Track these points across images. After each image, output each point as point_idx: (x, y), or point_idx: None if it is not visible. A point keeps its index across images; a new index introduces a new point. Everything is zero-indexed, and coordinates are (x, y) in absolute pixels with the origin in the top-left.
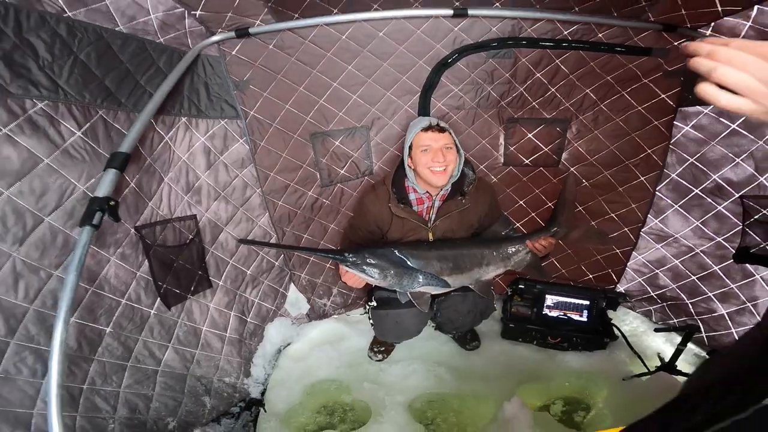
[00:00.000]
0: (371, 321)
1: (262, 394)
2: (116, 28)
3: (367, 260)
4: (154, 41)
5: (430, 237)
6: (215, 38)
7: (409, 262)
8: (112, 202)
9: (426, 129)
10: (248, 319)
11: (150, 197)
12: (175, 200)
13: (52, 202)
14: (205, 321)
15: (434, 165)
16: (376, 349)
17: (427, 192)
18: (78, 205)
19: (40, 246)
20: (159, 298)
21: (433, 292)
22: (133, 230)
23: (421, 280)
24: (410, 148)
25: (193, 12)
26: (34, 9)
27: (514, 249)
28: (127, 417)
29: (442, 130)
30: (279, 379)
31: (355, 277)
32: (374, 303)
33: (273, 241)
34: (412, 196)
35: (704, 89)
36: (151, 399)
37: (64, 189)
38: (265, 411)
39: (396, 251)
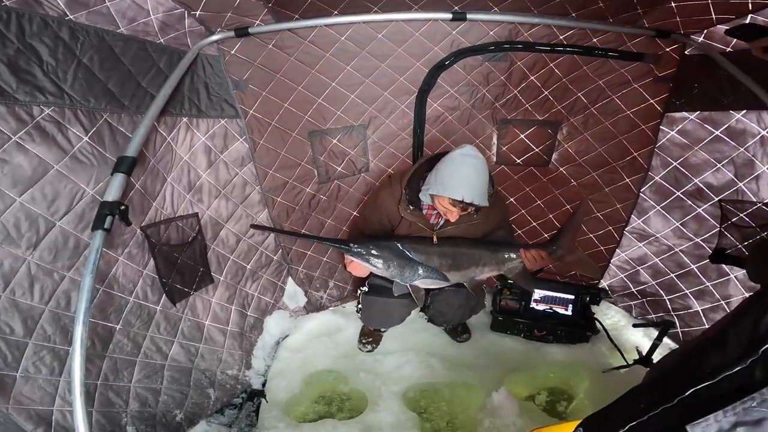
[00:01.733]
0: (359, 306)
1: (263, 385)
2: (117, 30)
3: (372, 251)
4: (154, 42)
5: (435, 240)
6: (215, 37)
7: (411, 256)
8: (122, 207)
9: (454, 203)
10: (248, 313)
11: (154, 197)
12: (178, 199)
13: (63, 207)
14: (208, 315)
15: (451, 216)
16: (364, 341)
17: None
18: (87, 209)
19: (53, 249)
20: (164, 295)
21: (431, 286)
22: (139, 230)
23: (421, 273)
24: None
25: (193, 12)
26: (36, 13)
27: (509, 256)
28: (138, 410)
29: (465, 209)
30: (279, 370)
31: (359, 266)
32: (366, 288)
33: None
34: (425, 203)
35: None
36: (160, 392)
37: (74, 193)
38: (267, 401)
39: (399, 245)
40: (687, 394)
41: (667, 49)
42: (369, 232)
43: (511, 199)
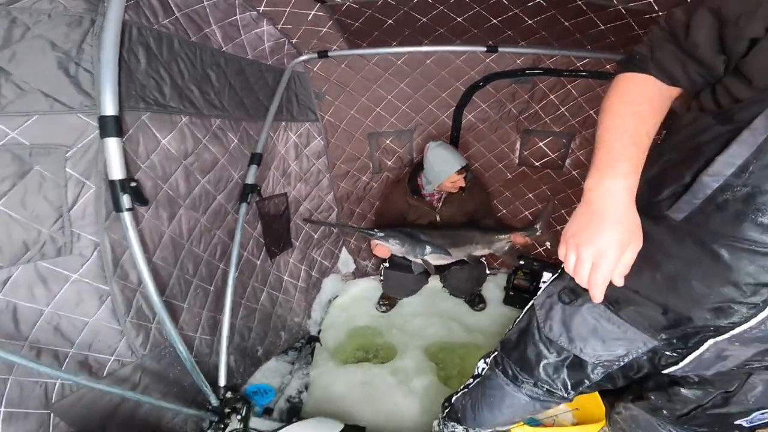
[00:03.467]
0: (381, 279)
1: (318, 332)
2: (247, 57)
3: (391, 235)
4: (266, 63)
5: (437, 219)
6: (303, 58)
7: (421, 237)
8: (258, 187)
9: (458, 172)
10: (313, 273)
11: (262, 181)
12: (275, 183)
13: (222, 187)
14: (287, 272)
15: (459, 184)
16: (382, 302)
17: (438, 191)
18: (233, 188)
19: (213, 215)
20: (263, 252)
21: (439, 261)
22: (255, 204)
23: (428, 249)
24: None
25: (291, 40)
26: (208, 47)
27: (496, 237)
28: (238, 343)
29: (461, 171)
30: (329, 324)
31: (383, 248)
32: (387, 264)
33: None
34: (426, 192)
35: None
36: (252, 330)
37: (229, 178)
38: (321, 345)
39: (411, 229)
40: None
41: None
42: (384, 223)
43: (530, 195)
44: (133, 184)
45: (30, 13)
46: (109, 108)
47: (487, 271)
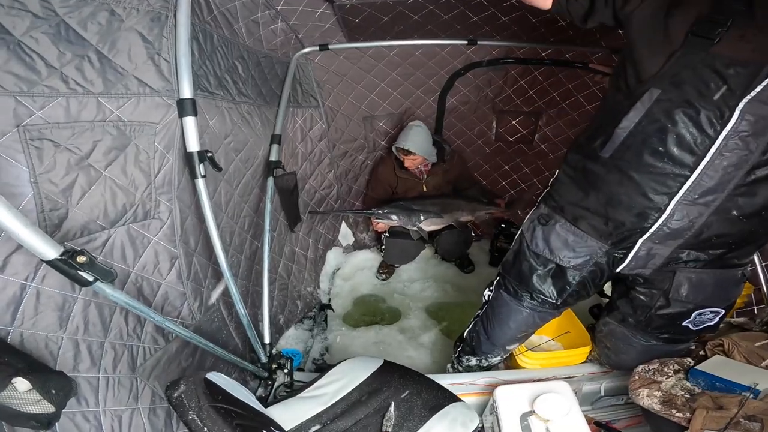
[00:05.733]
0: (383, 248)
1: (329, 301)
2: (263, 50)
3: (387, 210)
4: (276, 56)
5: (425, 188)
6: (306, 50)
7: (413, 207)
8: (282, 163)
9: (403, 152)
10: (319, 246)
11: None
12: (286, 162)
13: (250, 163)
14: (298, 244)
15: (408, 163)
16: (381, 271)
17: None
18: (258, 165)
19: (243, 188)
20: (281, 224)
21: (432, 226)
22: (272, 179)
23: (422, 217)
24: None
25: (298, 35)
26: (235, 42)
27: (479, 207)
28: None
29: (407, 153)
30: (335, 293)
31: (382, 224)
32: (388, 234)
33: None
34: None
35: None
36: (274, 299)
37: (256, 156)
38: (333, 311)
39: (404, 202)
40: None
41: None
42: (378, 199)
43: (506, 167)
44: (210, 154)
45: (124, 7)
46: (186, 92)
47: (473, 234)
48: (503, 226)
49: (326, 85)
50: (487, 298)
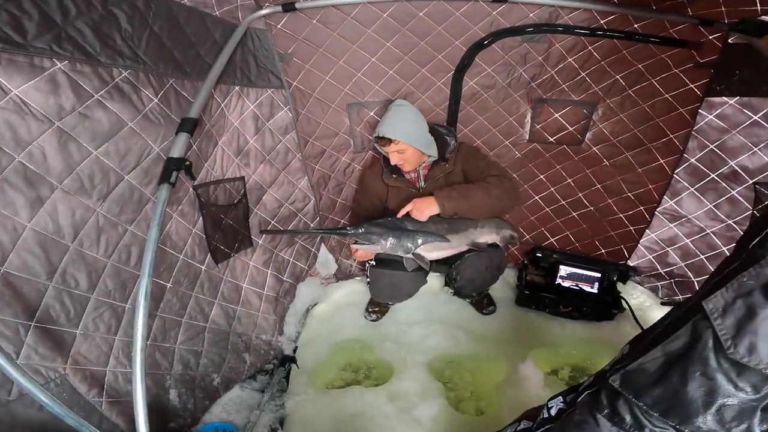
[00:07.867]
0: (368, 280)
1: (294, 351)
2: (182, 2)
3: (368, 230)
4: (211, 14)
5: None
6: (263, 12)
7: (407, 226)
8: (187, 162)
9: (381, 142)
10: (284, 278)
11: (206, 159)
12: (227, 162)
13: (132, 162)
14: (246, 278)
15: (393, 159)
16: (371, 309)
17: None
18: (153, 165)
19: (120, 202)
20: (209, 254)
21: (436, 253)
22: (191, 189)
23: (420, 240)
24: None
25: None
26: None
27: (504, 223)
28: (181, 373)
29: (387, 142)
30: (307, 339)
31: (363, 252)
32: (373, 262)
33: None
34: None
35: None
36: (201, 355)
37: (143, 150)
38: (298, 367)
39: (392, 219)
40: None
41: (710, 37)
42: (366, 216)
43: (541, 176)
44: None
45: None
46: None
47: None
48: (534, 249)
49: (294, 59)
50: (549, 414)
